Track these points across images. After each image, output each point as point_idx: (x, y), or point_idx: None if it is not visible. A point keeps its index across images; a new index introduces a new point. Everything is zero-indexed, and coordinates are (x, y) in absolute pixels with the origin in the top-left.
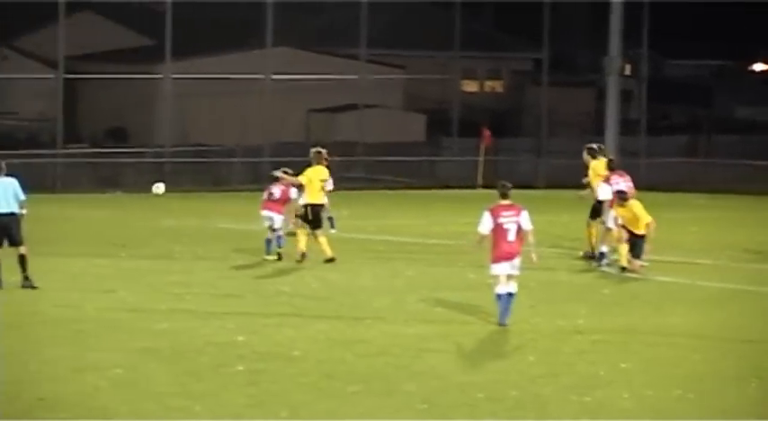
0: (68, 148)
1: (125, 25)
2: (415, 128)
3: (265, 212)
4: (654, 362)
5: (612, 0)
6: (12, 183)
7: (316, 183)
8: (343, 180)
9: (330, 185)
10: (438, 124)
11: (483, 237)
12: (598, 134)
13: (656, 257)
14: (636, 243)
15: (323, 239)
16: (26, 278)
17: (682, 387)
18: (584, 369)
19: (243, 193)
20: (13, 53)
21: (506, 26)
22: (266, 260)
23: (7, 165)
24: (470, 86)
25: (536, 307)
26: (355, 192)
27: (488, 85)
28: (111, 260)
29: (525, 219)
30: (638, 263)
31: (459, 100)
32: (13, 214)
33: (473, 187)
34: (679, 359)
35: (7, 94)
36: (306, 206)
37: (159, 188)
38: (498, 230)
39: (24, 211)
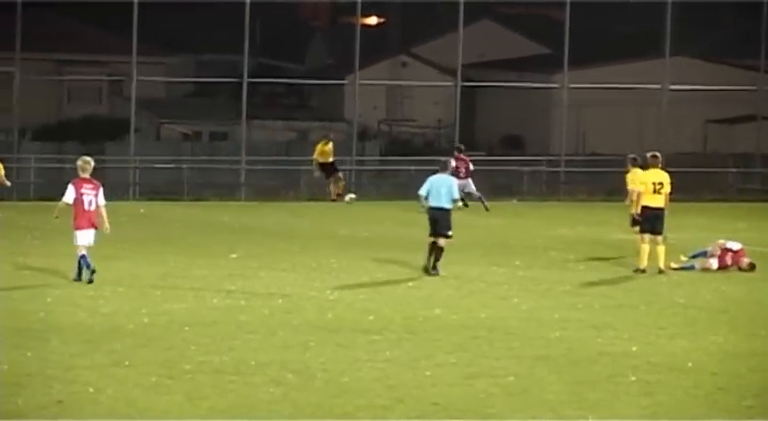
0: None
1: (523, 34)
2: None
3: None
4: None
5: None
6: (448, 182)
7: (649, 185)
8: (741, 192)
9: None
10: None
11: None
12: None
13: None
14: None
15: (660, 248)
16: (434, 267)
17: None
18: None
19: None
20: (413, 60)
21: None
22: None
23: (404, 172)
24: None
25: None
26: (753, 204)
27: None
28: (506, 268)
29: None
30: None
31: None
32: (442, 209)
33: None
34: None
35: (406, 101)
36: (643, 208)
37: (351, 198)
38: None
39: (460, 204)
